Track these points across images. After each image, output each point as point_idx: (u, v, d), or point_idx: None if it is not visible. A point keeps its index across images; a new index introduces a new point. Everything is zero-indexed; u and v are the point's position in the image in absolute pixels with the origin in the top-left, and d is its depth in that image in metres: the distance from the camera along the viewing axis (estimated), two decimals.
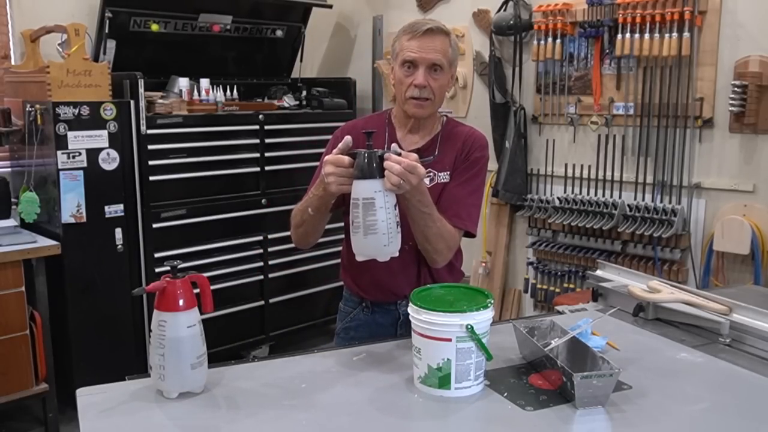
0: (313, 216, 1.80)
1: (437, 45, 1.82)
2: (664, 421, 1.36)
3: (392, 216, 1.59)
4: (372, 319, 2.00)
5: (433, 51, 1.81)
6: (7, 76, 3.58)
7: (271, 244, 3.96)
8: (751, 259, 3.02)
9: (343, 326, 2.08)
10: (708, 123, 3.17)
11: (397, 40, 1.86)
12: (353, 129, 1.92)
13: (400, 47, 1.85)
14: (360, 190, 1.58)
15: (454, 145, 1.94)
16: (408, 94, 1.84)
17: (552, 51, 3.56)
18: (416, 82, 1.82)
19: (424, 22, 1.83)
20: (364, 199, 1.57)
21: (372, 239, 1.58)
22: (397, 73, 1.86)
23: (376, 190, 1.57)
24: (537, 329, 1.66)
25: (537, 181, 3.82)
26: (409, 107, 1.87)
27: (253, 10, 4.20)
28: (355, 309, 2.04)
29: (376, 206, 1.56)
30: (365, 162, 1.57)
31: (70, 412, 3.09)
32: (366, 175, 1.57)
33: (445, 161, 1.93)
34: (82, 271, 3.25)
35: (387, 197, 1.58)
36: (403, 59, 1.83)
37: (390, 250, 1.61)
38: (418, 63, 1.81)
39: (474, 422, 1.38)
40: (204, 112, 3.71)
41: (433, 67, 1.82)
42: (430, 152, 1.91)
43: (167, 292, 1.41)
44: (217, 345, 3.17)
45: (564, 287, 3.71)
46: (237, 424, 1.34)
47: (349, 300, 2.07)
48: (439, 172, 1.92)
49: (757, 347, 1.72)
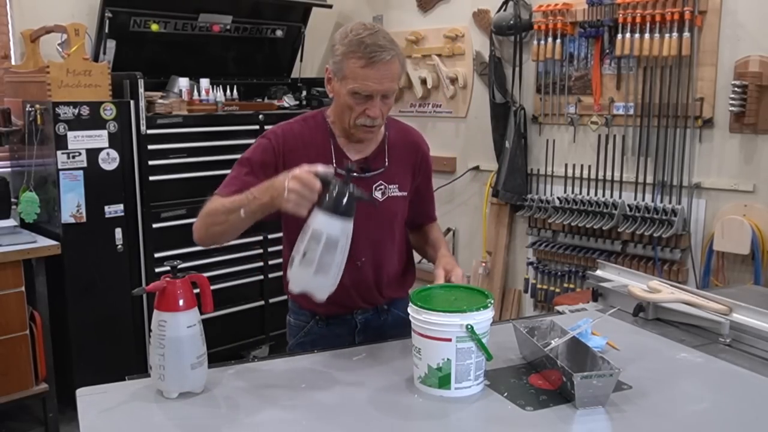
0: (243, 219, 1.61)
1: (393, 72, 1.67)
2: (664, 421, 1.36)
3: (345, 259, 1.49)
4: (328, 331, 1.89)
5: (388, 80, 1.66)
6: (7, 76, 3.58)
7: (271, 244, 3.95)
8: (751, 259, 3.02)
9: (297, 342, 1.93)
10: (708, 123, 3.17)
11: (344, 59, 1.66)
12: (289, 134, 1.79)
13: (350, 71, 1.65)
14: (326, 225, 1.43)
15: (403, 155, 1.87)
16: (359, 122, 1.71)
17: (552, 51, 3.56)
18: (371, 114, 1.69)
19: (379, 45, 1.63)
20: (329, 236, 1.43)
21: (320, 279, 1.47)
22: (345, 98, 1.69)
23: (346, 233, 1.45)
24: (537, 329, 1.66)
25: (537, 181, 3.82)
26: (357, 133, 1.74)
27: (253, 10, 4.19)
28: (309, 323, 1.91)
29: (338, 247, 1.45)
30: (344, 198, 1.43)
31: (70, 412, 3.09)
32: (340, 213, 1.43)
33: (393, 172, 1.84)
34: (82, 271, 3.25)
35: (349, 240, 1.47)
36: (354, 90, 1.66)
37: (330, 291, 1.52)
38: (374, 95, 1.67)
39: (474, 422, 1.38)
40: (204, 112, 3.71)
41: (386, 94, 1.70)
42: (380, 163, 1.83)
43: (167, 292, 1.41)
44: (217, 345, 3.16)
45: (564, 287, 3.71)
46: (237, 424, 1.34)
47: (299, 313, 1.93)
48: (389, 184, 1.83)
49: (757, 347, 1.72)
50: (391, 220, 1.86)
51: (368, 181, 1.80)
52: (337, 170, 1.68)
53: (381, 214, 1.82)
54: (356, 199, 1.45)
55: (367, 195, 1.55)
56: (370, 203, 1.75)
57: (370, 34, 1.65)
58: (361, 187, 1.64)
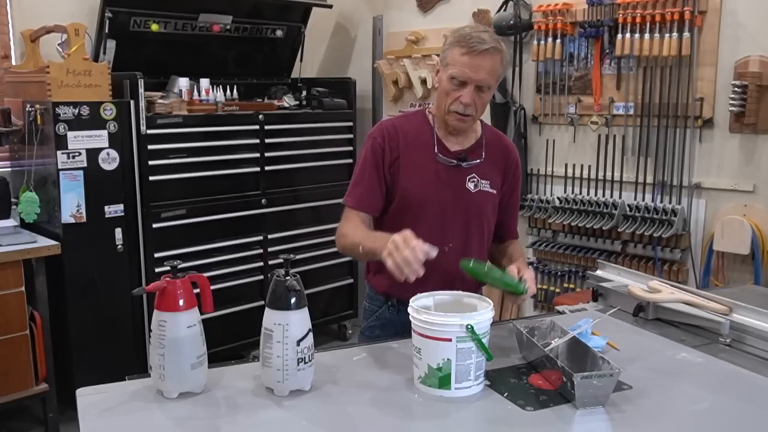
0: (360, 255, 1.83)
1: (489, 65, 1.81)
2: (664, 421, 1.36)
3: (292, 353, 1.41)
4: (398, 318, 1.97)
5: (485, 71, 1.80)
6: (7, 76, 3.58)
7: (271, 244, 3.96)
8: (751, 259, 3.02)
9: (368, 324, 2.08)
10: (708, 123, 3.17)
11: (450, 48, 1.84)
12: (392, 130, 1.95)
13: (452, 58, 1.82)
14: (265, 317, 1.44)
15: (497, 157, 2.00)
16: (452, 108, 1.86)
17: (552, 51, 3.56)
18: (463, 101, 1.83)
19: (481, 39, 1.79)
20: (265, 328, 1.43)
21: (266, 372, 1.45)
22: (444, 83, 1.86)
23: (275, 323, 1.42)
24: (537, 329, 1.66)
25: (537, 181, 3.82)
26: (450, 119, 1.89)
27: (253, 10, 4.19)
28: (381, 308, 2.04)
29: (273, 340, 1.42)
30: (273, 291, 1.43)
31: (70, 412, 3.09)
32: (273, 305, 1.43)
33: (487, 169, 1.97)
34: (82, 271, 3.25)
35: (288, 333, 1.41)
36: (452, 75, 1.82)
37: (286, 387, 1.45)
38: (468, 83, 1.81)
39: (474, 422, 1.38)
40: (204, 112, 3.71)
41: (481, 86, 1.83)
42: (476, 156, 1.96)
43: (167, 292, 1.41)
44: (217, 345, 3.16)
45: (564, 287, 3.71)
46: (237, 424, 1.34)
47: (374, 299, 2.07)
48: (482, 179, 1.96)
49: (757, 347, 1.72)
50: (480, 211, 1.97)
51: (464, 171, 1.95)
52: (439, 157, 1.92)
53: (472, 204, 1.95)
54: (287, 288, 1.42)
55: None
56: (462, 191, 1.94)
57: (477, 31, 1.83)
58: (457, 177, 1.92)
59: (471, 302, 1.58)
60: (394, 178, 1.93)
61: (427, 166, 1.93)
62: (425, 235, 1.72)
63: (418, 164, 1.93)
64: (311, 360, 1.45)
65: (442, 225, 1.92)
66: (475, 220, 1.97)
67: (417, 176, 1.92)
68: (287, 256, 1.50)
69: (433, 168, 1.93)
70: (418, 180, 1.92)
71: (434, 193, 1.92)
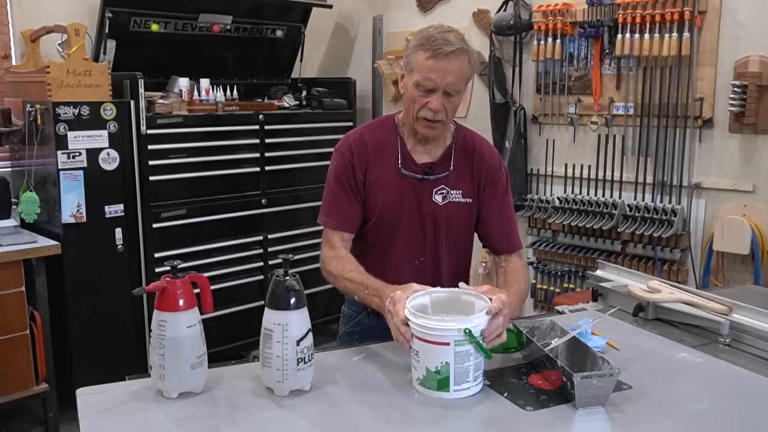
0: (359, 300, 1.79)
1: (457, 68, 1.72)
2: (663, 421, 1.36)
3: (292, 353, 1.42)
4: (378, 325, 1.85)
5: (453, 75, 1.71)
6: (7, 76, 3.58)
7: (271, 244, 3.96)
8: (751, 259, 3.02)
9: (346, 330, 2.02)
10: (708, 123, 3.17)
11: (413, 52, 1.75)
12: (360, 142, 1.88)
13: (416, 64, 1.73)
14: (265, 318, 1.45)
15: (469, 164, 1.90)
16: (420, 114, 1.77)
17: (552, 51, 3.56)
18: (432, 107, 1.74)
19: (444, 40, 1.70)
20: (265, 328, 1.44)
21: (266, 372, 1.45)
22: (410, 89, 1.77)
23: (275, 323, 1.42)
24: (537, 329, 1.66)
25: (537, 181, 3.82)
26: (419, 127, 1.81)
27: (253, 10, 4.19)
28: (360, 314, 1.98)
29: (273, 340, 1.42)
30: (273, 291, 1.43)
31: (70, 412, 3.09)
32: (272, 305, 1.43)
33: (457, 179, 1.89)
34: (82, 271, 3.25)
35: (288, 333, 1.42)
36: (417, 81, 1.73)
37: (286, 386, 1.45)
38: (435, 88, 1.73)
39: (474, 422, 1.38)
40: (204, 112, 3.71)
41: (449, 91, 1.74)
42: (444, 167, 1.88)
43: (167, 292, 1.41)
44: (217, 345, 3.16)
45: (564, 287, 3.71)
46: (237, 424, 1.34)
47: (353, 303, 1.99)
48: (452, 189, 1.88)
49: (757, 347, 1.72)
50: (450, 224, 1.89)
51: (431, 184, 1.87)
52: (403, 171, 1.85)
53: (441, 217, 1.87)
54: (287, 288, 1.43)
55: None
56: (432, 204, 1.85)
57: (441, 31, 1.73)
58: (424, 190, 1.84)
59: (468, 300, 1.56)
60: (367, 194, 1.87)
61: (393, 180, 1.86)
62: (399, 250, 1.74)
63: (385, 179, 1.86)
64: (311, 360, 1.45)
65: (413, 239, 1.87)
66: (446, 233, 1.89)
67: (384, 192, 1.86)
68: (286, 256, 1.50)
69: (398, 183, 1.86)
70: (386, 195, 1.86)
71: (401, 208, 1.86)
